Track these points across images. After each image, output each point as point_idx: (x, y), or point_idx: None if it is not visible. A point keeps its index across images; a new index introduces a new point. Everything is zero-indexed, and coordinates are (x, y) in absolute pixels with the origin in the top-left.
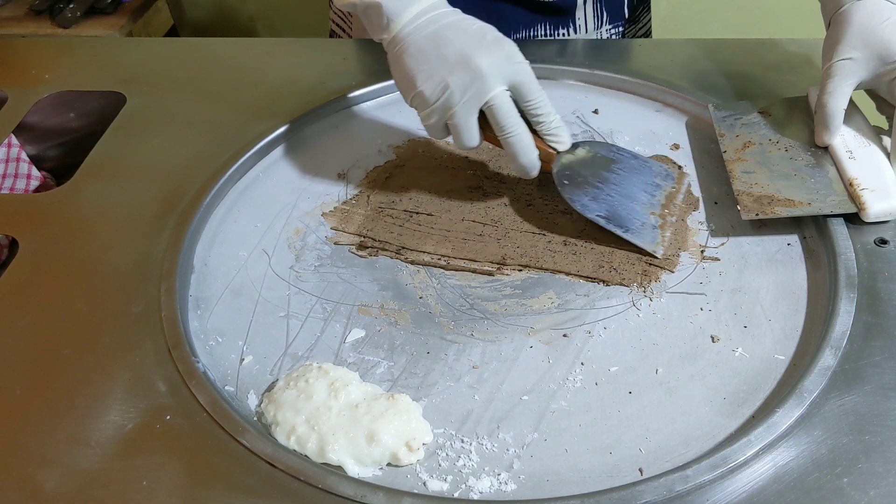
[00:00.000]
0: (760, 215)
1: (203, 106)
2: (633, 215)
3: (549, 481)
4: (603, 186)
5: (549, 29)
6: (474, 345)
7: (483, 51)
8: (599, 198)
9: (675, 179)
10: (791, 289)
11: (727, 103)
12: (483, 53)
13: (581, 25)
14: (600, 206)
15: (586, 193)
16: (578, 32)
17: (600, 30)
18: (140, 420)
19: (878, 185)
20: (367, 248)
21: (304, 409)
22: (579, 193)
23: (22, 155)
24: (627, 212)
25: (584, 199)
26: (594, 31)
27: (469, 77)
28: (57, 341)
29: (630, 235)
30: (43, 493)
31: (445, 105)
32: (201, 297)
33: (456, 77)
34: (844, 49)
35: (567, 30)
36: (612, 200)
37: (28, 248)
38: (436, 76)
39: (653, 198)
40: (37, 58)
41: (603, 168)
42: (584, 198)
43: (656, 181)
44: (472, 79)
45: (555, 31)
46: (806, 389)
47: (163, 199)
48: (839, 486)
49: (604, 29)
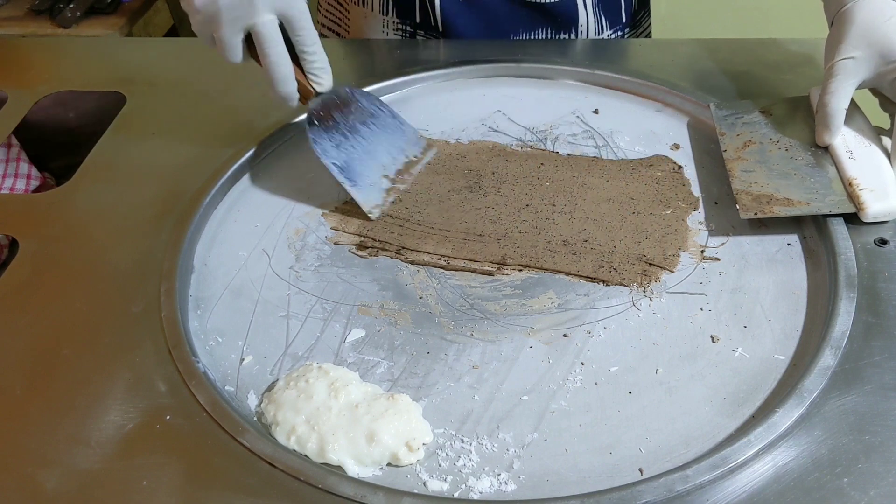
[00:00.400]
0: (759, 214)
1: (203, 106)
2: (367, 172)
3: (549, 481)
4: (350, 136)
5: (550, 34)
6: (474, 345)
7: None
8: (342, 146)
9: (422, 149)
10: (791, 289)
11: (728, 102)
12: None
13: (583, 32)
14: (339, 155)
15: (331, 139)
16: (580, 37)
17: (601, 35)
18: (140, 420)
19: (878, 186)
20: (367, 248)
21: (304, 409)
22: (324, 136)
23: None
24: (363, 167)
25: (327, 143)
26: (595, 36)
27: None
28: (57, 341)
29: (354, 190)
30: (43, 493)
31: (212, 18)
32: (201, 297)
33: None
34: (847, 48)
35: (569, 35)
36: (353, 153)
37: (28, 248)
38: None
39: (393, 160)
40: (37, 58)
41: (358, 119)
42: (326, 142)
43: (403, 146)
44: (241, 1)
45: (556, 36)
46: (806, 389)
47: (163, 199)
48: (839, 486)
49: (605, 35)
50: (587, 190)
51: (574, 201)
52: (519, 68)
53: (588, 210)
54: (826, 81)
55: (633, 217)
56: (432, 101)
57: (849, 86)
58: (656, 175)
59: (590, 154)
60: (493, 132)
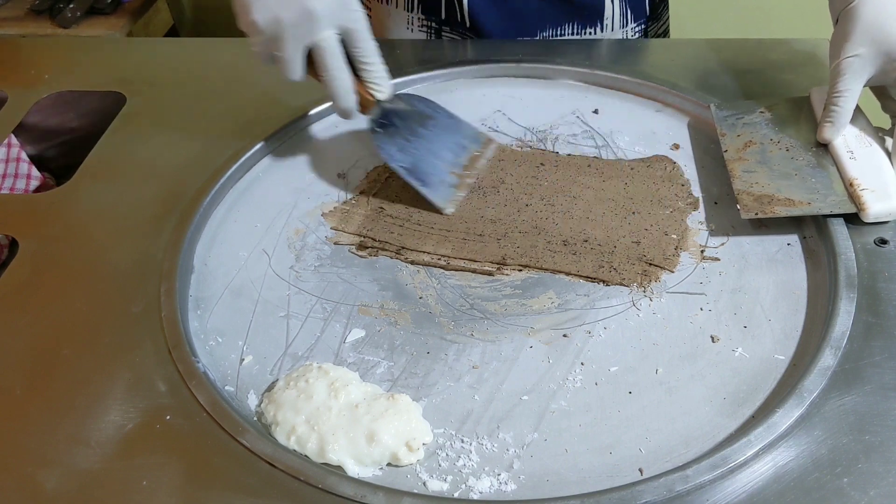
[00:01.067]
0: (760, 215)
1: (203, 106)
2: (434, 171)
3: (549, 481)
4: (413, 139)
5: (576, 28)
6: (474, 345)
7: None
8: (407, 149)
9: (482, 144)
10: (791, 289)
11: (729, 103)
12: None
13: (608, 24)
14: (405, 158)
15: (395, 144)
16: (605, 32)
17: (625, 28)
18: (140, 420)
19: (879, 186)
20: (367, 248)
21: (304, 409)
22: (389, 142)
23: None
24: (430, 167)
25: (392, 148)
26: (620, 29)
27: (300, 15)
28: (57, 341)
29: (426, 189)
30: (43, 493)
31: (274, 38)
32: (201, 297)
33: (288, 13)
34: (852, 46)
35: (594, 29)
36: (418, 154)
37: (28, 248)
38: (269, 9)
39: (457, 157)
40: (37, 58)
41: (418, 122)
42: (391, 147)
43: (464, 142)
44: (303, 17)
45: (582, 31)
46: (806, 389)
47: (163, 199)
48: (839, 486)
49: (629, 28)
50: (587, 190)
51: (574, 201)
52: (519, 68)
53: (588, 210)
54: (834, 80)
55: (632, 217)
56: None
57: (857, 84)
58: (656, 175)
59: (590, 154)
60: (493, 132)
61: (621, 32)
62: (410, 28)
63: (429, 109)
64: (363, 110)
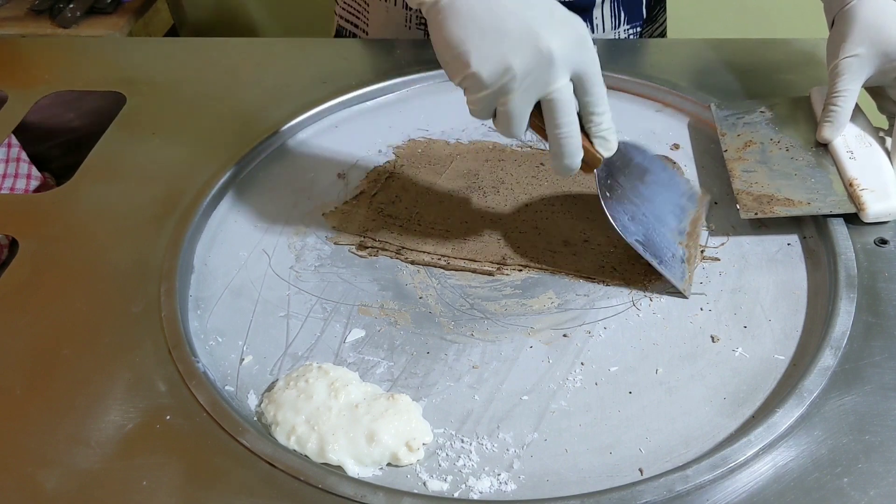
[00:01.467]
0: (759, 215)
1: (203, 106)
2: (665, 244)
3: (549, 481)
4: (639, 204)
5: None
6: (474, 345)
7: (554, 30)
8: (637, 217)
9: (697, 202)
10: (791, 289)
11: (729, 102)
12: (554, 34)
13: (598, 25)
14: (638, 229)
15: (626, 211)
16: (595, 32)
17: (618, 30)
18: (140, 420)
19: (878, 186)
20: (367, 248)
21: (304, 409)
22: (620, 210)
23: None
24: (661, 239)
25: (625, 217)
26: (612, 30)
27: (535, 61)
28: (57, 341)
29: (663, 268)
30: (43, 493)
31: (503, 91)
32: (201, 297)
33: (520, 59)
34: (850, 46)
35: None
36: (647, 222)
37: (28, 248)
38: (495, 55)
39: (679, 223)
40: (37, 58)
41: (638, 179)
42: (624, 216)
43: (682, 202)
44: (539, 64)
45: None
46: (806, 389)
47: (163, 200)
48: (839, 486)
49: (621, 29)
50: (587, 189)
51: (574, 201)
52: None
53: (588, 210)
54: (833, 80)
55: None
56: (432, 101)
57: (856, 84)
58: None
59: None
60: (493, 132)
61: (613, 34)
62: (408, 25)
63: (644, 161)
64: (586, 169)
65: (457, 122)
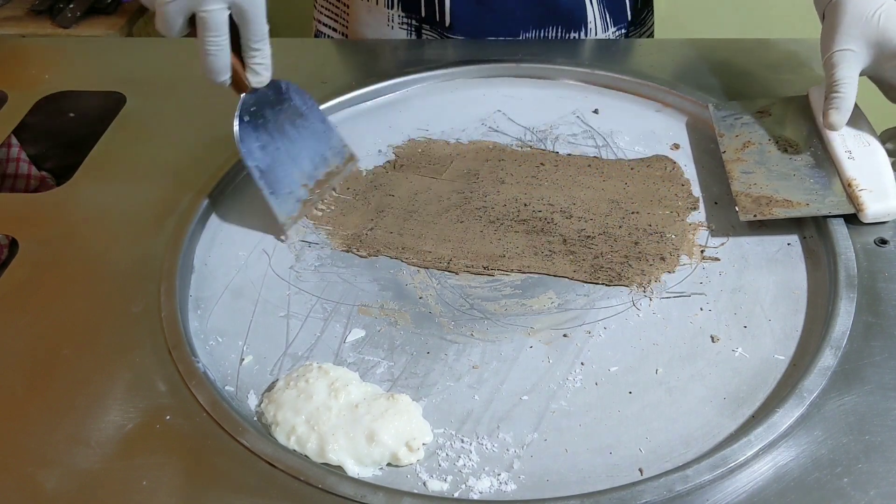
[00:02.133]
0: (758, 216)
1: (203, 106)
2: (287, 179)
3: (549, 481)
4: (277, 137)
5: (559, 32)
6: (474, 345)
7: None
8: (268, 147)
9: (345, 160)
10: (791, 289)
11: (727, 103)
12: None
13: (592, 29)
14: (263, 158)
15: (258, 139)
16: (588, 35)
17: (606, 33)
18: (140, 420)
19: (877, 186)
20: (367, 248)
21: (304, 409)
22: (252, 135)
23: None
24: (284, 174)
25: (254, 143)
26: (602, 33)
27: None
28: (57, 341)
29: (272, 198)
30: (43, 493)
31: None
32: (201, 297)
33: None
34: (842, 39)
35: (578, 34)
36: (278, 155)
37: (28, 248)
38: None
39: (314, 170)
40: (37, 58)
41: (288, 119)
42: (253, 142)
43: (327, 154)
44: None
45: (566, 35)
46: (806, 389)
47: (163, 199)
48: (839, 486)
49: (609, 32)
50: (586, 190)
51: (573, 201)
52: (519, 68)
53: (588, 210)
54: (830, 72)
55: (632, 217)
56: (432, 101)
57: (853, 72)
58: (656, 175)
59: (590, 154)
60: (493, 132)
61: (603, 37)
62: (391, 25)
63: (304, 107)
64: (235, 90)
65: (457, 122)
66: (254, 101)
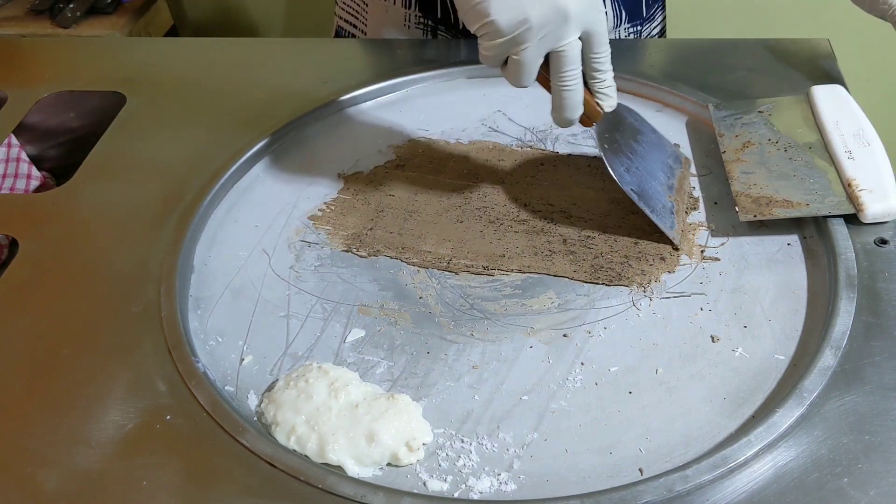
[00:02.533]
0: (758, 217)
1: (203, 106)
2: (656, 196)
3: (549, 481)
4: (633, 158)
5: None
6: (474, 345)
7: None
8: (631, 170)
9: (683, 163)
10: (791, 289)
11: (727, 103)
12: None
13: None
14: (633, 180)
15: (622, 163)
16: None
17: (619, 28)
18: (140, 420)
19: (877, 186)
20: (367, 248)
21: (304, 409)
22: (616, 162)
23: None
24: (652, 191)
25: (620, 168)
26: (613, 29)
27: (552, 15)
28: (57, 341)
29: (655, 216)
30: (43, 493)
31: (517, 41)
32: (201, 297)
33: (538, 12)
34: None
35: None
36: (641, 175)
37: (28, 248)
38: (514, 6)
39: (668, 180)
40: (37, 58)
41: (632, 137)
42: (620, 167)
43: (670, 161)
44: (555, 18)
45: None
46: (806, 389)
47: (163, 199)
48: (839, 486)
49: (622, 27)
50: (587, 190)
51: (573, 201)
52: None
53: (587, 210)
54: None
55: (632, 217)
56: (432, 101)
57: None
58: None
59: (590, 154)
60: (493, 132)
61: (614, 33)
62: (408, 25)
63: (636, 122)
64: (585, 122)
65: (457, 122)
66: (606, 128)
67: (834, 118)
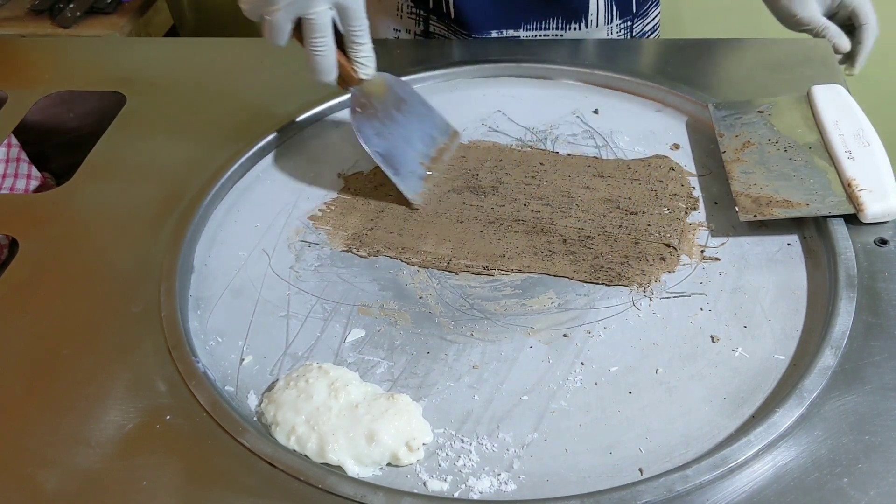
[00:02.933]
0: (758, 216)
1: (203, 106)
2: (405, 160)
3: (549, 481)
4: (389, 124)
5: (560, 23)
6: (474, 345)
7: None
8: (383, 134)
9: (450, 136)
10: (791, 289)
11: (727, 103)
12: None
13: (593, 20)
14: (381, 143)
15: (372, 127)
16: (589, 27)
17: (610, 25)
18: (140, 420)
19: (877, 186)
20: (367, 248)
21: (304, 409)
22: (367, 125)
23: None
24: (402, 155)
25: (369, 131)
26: (605, 25)
27: None
28: (57, 341)
29: (397, 179)
30: (43, 493)
31: (269, 1)
32: (201, 297)
33: None
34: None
35: (579, 24)
36: (393, 140)
37: (28, 248)
38: None
39: (427, 148)
40: (37, 58)
41: (393, 106)
42: (369, 130)
43: (434, 133)
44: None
45: (567, 26)
46: (806, 389)
47: (163, 200)
48: (839, 486)
49: (614, 24)
50: (586, 190)
51: (573, 201)
52: (519, 68)
53: (587, 210)
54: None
55: (632, 217)
56: (432, 101)
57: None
58: (656, 175)
59: (589, 154)
60: (493, 132)
61: (606, 29)
62: (400, 14)
63: (404, 93)
64: (342, 85)
65: (457, 123)
66: (361, 93)
67: (834, 118)
